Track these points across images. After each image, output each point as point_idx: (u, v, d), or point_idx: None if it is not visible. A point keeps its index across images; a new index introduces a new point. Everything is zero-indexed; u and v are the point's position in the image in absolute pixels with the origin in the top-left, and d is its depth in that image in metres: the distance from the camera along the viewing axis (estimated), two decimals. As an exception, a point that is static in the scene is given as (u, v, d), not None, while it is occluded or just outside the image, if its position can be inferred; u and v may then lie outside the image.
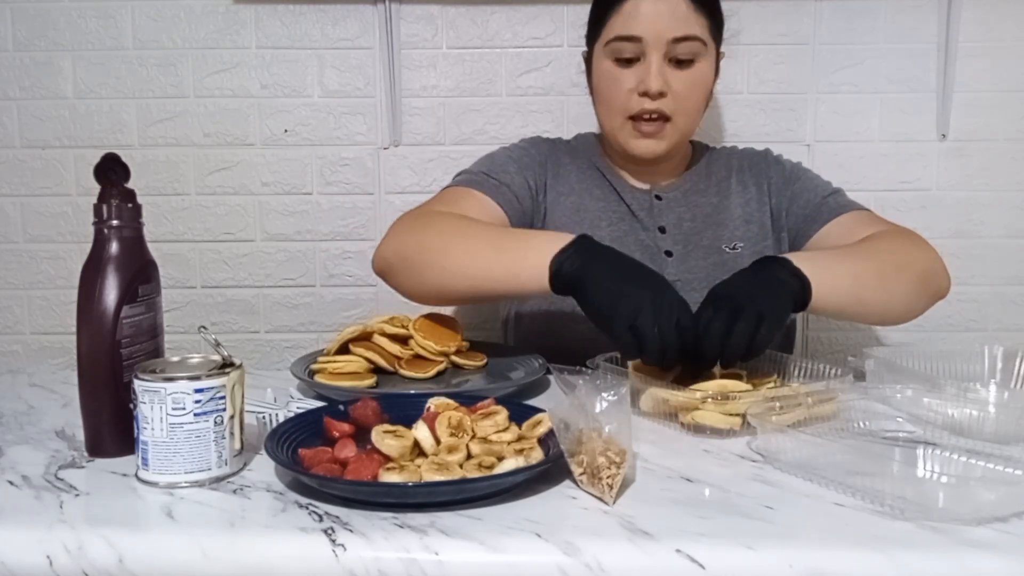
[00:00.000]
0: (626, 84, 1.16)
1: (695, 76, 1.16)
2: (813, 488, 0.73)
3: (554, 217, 1.24)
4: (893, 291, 1.05)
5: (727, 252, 1.21)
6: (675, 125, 1.18)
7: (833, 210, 1.19)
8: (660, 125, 1.17)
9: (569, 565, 0.61)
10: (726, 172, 1.28)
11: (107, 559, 0.63)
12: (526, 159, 1.26)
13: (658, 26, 1.13)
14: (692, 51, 1.15)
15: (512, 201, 1.19)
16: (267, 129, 1.58)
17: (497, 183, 1.20)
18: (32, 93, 1.57)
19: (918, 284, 1.06)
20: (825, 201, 1.20)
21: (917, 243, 1.11)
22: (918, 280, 1.06)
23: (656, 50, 1.14)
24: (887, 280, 1.04)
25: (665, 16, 1.13)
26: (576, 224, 1.22)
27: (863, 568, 0.60)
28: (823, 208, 1.19)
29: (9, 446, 0.85)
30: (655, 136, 1.18)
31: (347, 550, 0.62)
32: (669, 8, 1.13)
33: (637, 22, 1.14)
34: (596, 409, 0.72)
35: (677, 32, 1.13)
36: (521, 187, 1.22)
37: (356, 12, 1.55)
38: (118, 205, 0.82)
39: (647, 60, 1.14)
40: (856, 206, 1.20)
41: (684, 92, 1.16)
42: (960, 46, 1.54)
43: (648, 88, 1.14)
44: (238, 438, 0.77)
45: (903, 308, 1.07)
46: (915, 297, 1.07)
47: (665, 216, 1.24)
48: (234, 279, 1.61)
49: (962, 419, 0.84)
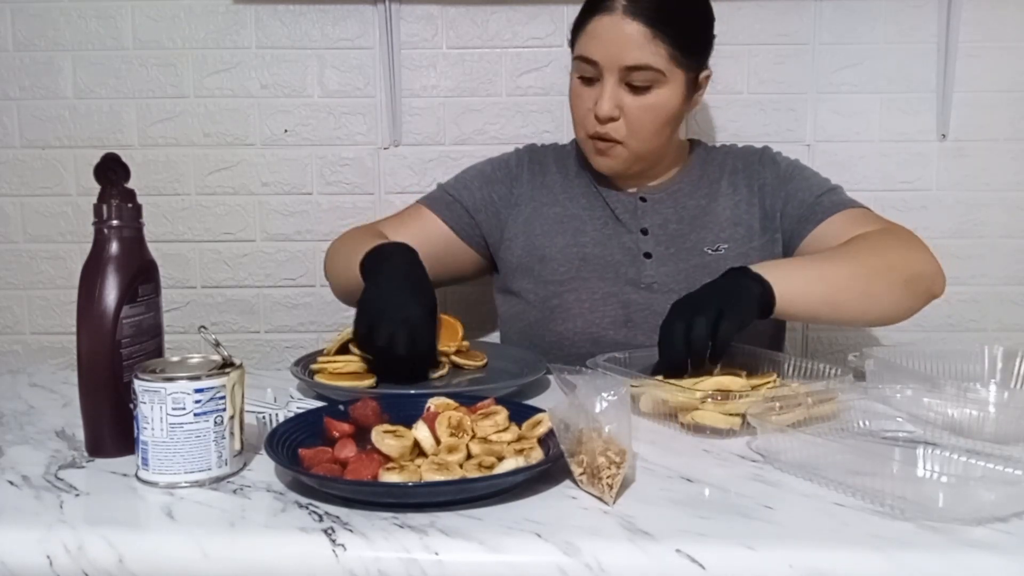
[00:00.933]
0: (586, 103, 1.18)
1: (650, 103, 1.16)
2: (813, 488, 0.73)
3: (538, 227, 1.26)
4: (873, 293, 1.04)
5: (709, 254, 1.21)
6: (627, 147, 1.19)
7: (827, 209, 1.18)
8: (611, 146, 1.19)
9: (569, 565, 0.61)
10: (719, 173, 1.28)
11: (107, 559, 0.63)
12: (498, 173, 1.31)
13: (612, 51, 1.13)
14: (648, 79, 1.14)
15: (461, 216, 1.29)
16: (267, 129, 1.58)
17: (451, 199, 1.30)
18: (32, 93, 1.57)
19: (904, 285, 1.06)
20: (819, 200, 1.19)
21: (908, 242, 1.10)
22: (904, 281, 1.06)
23: (611, 74, 1.14)
24: (866, 282, 1.03)
25: (620, 43, 1.13)
26: (559, 232, 1.25)
27: (863, 568, 0.61)
28: (816, 208, 1.19)
29: (9, 446, 0.85)
30: (607, 154, 1.20)
31: (347, 550, 0.62)
32: (625, 35, 1.13)
33: (595, 45, 1.15)
34: (596, 409, 0.72)
35: (630, 60, 1.13)
36: (480, 200, 1.29)
37: (356, 12, 1.55)
38: (118, 205, 0.82)
39: (603, 83, 1.16)
40: (851, 204, 1.19)
41: (636, 117, 1.16)
42: (960, 46, 1.54)
43: (598, 112, 1.16)
44: (238, 438, 0.77)
45: (886, 309, 1.06)
46: (901, 298, 1.06)
47: (648, 218, 1.24)
48: (234, 279, 1.61)
49: (962, 419, 0.84)
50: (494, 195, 1.29)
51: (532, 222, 1.27)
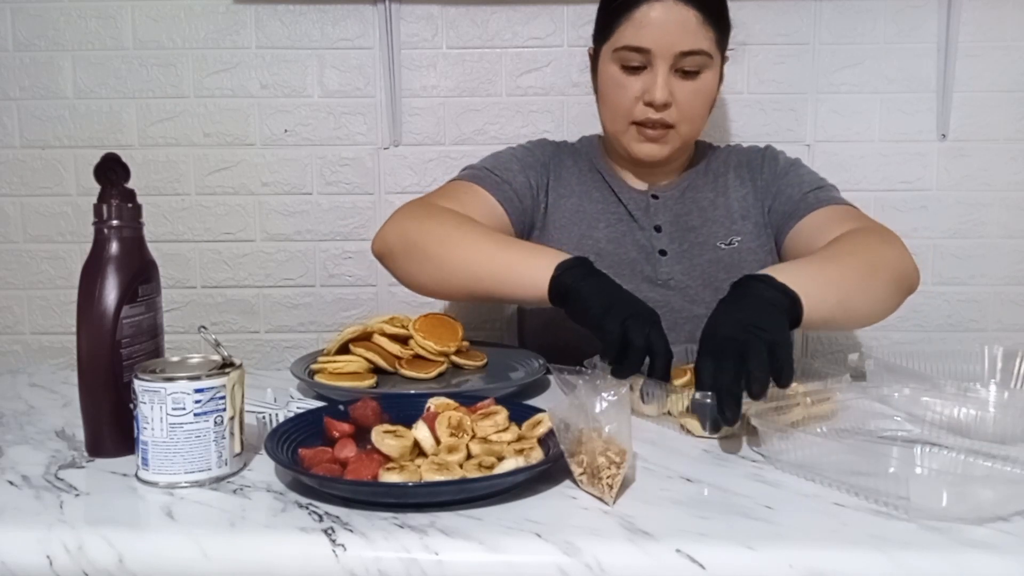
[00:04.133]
0: (632, 92, 1.16)
1: (699, 87, 1.16)
2: (813, 488, 0.73)
3: (555, 218, 1.24)
4: (874, 294, 1.03)
5: (723, 248, 1.21)
6: (678, 132, 1.19)
7: (811, 205, 1.18)
8: (664, 132, 1.18)
9: (569, 565, 0.61)
10: (724, 168, 1.28)
11: (107, 559, 0.63)
12: (530, 159, 1.27)
13: (667, 39, 1.13)
14: (698, 64, 1.15)
15: (512, 199, 1.21)
16: (267, 129, 1.58)
17: (499, 180, 1.21)
18: (32, 93, 1.57)
19: (894, 283, 1.05)
20: (805, 197, 1.19)
21: (888, 240, 1.10)
22: (894, 279, 1.05)
23: (663, 61, 1.14)
24: (867, 283, 1.03)
25: (675, 29, 1.13)
26: (575, 225, 1.23)
27: (863, 568, 0.60)
28: (801, 204, 1.19)
29: (9, 446, 0.85)
30: (659, 141, 1.19)
31: (347, 550, 0.62)
32: (679, 20, 1.12)
33: (646, 33, 1.13)
34: (596, 409, 0.72)
35: (685, 46, 1.13)
36: (523, 185, 1.23)
37: (356, 12, 1.55)
38: (118, 205, 0.82)
39: (654, 70, 1.14)
40: (837, 201, 1.18)
41: (688, 102, 1.17)
42: (960, 46, 1.54)
43: (653, 99, 1.15)
44: (238, 438, 0.77)
45: (883, 309, 1.06)
46: (893, 297, 1.06)
47: (661, 215, 1.24)
48: (234, 279, 1.61)
49: (962, 419, 0.84)
50: (531, 180, 1.25)
51: (554, 211, 1.25)
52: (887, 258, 1.06)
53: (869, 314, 1.05)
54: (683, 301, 0.92)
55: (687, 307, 1.18)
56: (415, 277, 1.10)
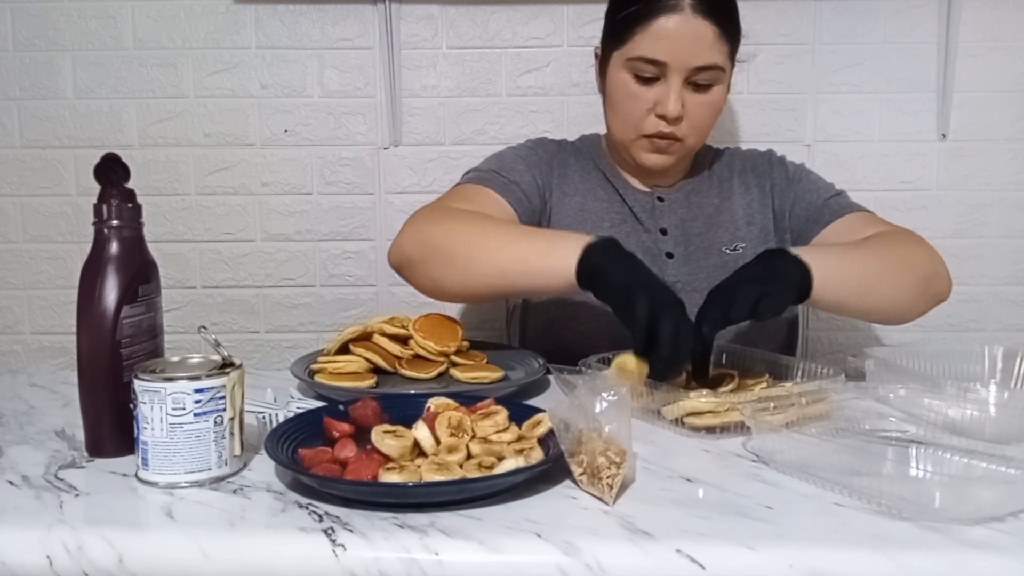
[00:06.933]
0: (644, 103, 1.15)
1: (711, 99, 1.15)
2: (813, 488, 0.73)
3: (559, 217, 1.24)
4: (896, 288, 1.04)
5: (728, 253, 1.21)
6: (686, 144, 1.18)
7: (835, 211, 1.18)
8: (671, 143, 1.17)
9: (569, 565, 0.61)
10: (728, 173, 1.28)
11: (107, 559, 0.63)
12: (533, 158, 1.26)
13: (684, 52, 1.11)
14: (712, 78, 1.13)
15: (521, 199, 1.20)
16: (267, 129, 1.58)
17: (507, 181, 1.20)
18: (32, 93, 1.57)
19: (921, 284, 1.06)
20: (827, 203, 1.20)
21: (920, 244, 1.11)
22: (921, 280, 1.06)
23: (678, 75, 1.12)
24: (891, 277, 1.03)
25: (691, 43, 1.11)
26: (580, 224, 1.22)
27: (863, 568, 0.61)
28: (825, 209, 1.19)
29: (9, 446, 0.85)
30: (666, 151, 1.18)
31: (347, 550, 0.62)
32: (696, 35, 1.11)
33: (663, 45, 1.11)
34: (596, 409, 0.72)
35: (700, 61, 1.11)
36: (530, 185, 1.22)
37: (356, 12, 1.55)
38: (118, 205, 0.82)
39: (667, 83, 1.13)
40: (858, 208, 1.20)
41: (699, 115, 1.16)
42: (960, 46, 1.54)
43: (666, 112, 1.13)
44: (238, 438, 0.77)
45: (905, 306, 1.06)
46: (917, 297, 1.06)
47: (667, 218, 1.24)
48: (234, 279, 1.62)
49: (962, 419, 0.84)
50: (537, 179, 1.24)
51: (558, 210, 1.24)
52: (917, 258, 1.07)
53: (889, 307, 1.05)
54: (689, 305, 0.93)
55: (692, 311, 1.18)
56: (439, 282, 1.07)
